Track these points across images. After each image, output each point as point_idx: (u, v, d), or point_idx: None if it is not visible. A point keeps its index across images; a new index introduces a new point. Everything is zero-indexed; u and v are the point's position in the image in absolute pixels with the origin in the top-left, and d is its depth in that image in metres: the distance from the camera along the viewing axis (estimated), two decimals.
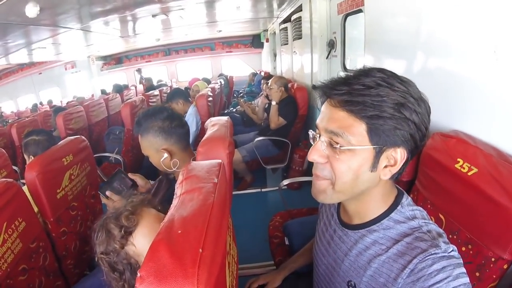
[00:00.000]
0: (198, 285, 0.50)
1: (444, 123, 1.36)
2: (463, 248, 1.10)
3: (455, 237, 1.14)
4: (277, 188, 3.36)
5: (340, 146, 0.73)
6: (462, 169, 1.10)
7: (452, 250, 0.71)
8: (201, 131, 3.30)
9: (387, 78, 0.71)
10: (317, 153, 0.78)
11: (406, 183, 1.48)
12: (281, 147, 3.38)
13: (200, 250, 0.54)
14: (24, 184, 1.66)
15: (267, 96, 3.63)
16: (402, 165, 0.76)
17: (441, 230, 0.77)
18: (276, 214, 2.12)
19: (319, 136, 0.78)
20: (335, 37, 2.93)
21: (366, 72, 0.73)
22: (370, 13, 2.03)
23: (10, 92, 12.87)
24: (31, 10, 2.73)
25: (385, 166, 0.76)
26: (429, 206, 1.29)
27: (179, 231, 0.58)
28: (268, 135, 3.34)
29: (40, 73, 12.00)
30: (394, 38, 1.78)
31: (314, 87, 0.84)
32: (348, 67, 2.85)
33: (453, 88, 1.32)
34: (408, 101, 0.70)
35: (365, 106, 0.70)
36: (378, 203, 0.82)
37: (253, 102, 5.38)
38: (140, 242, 0.89)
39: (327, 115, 0.76)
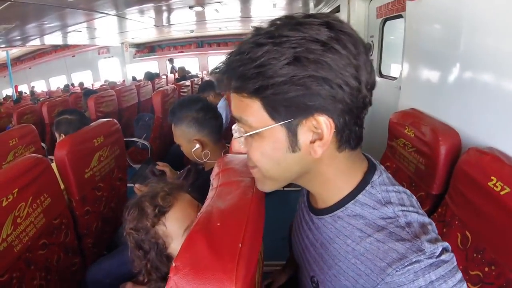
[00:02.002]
0: (236, 281, 0.49)
1: (481, 138, 1.30)
2: (486, 269, 1.06)
3: (479, 256, 1.10)
4: (299, 188, 3.35)
5: (245, 133, 0.61)
6: (495, 188, 1.05)
7: (442, 250, 0.54)
8: (230, 124, 3.30)
9: (275, 30, 0.54)
10: (236, 144, 0.73)
11: (436, 197, 1.43)
12: None
13: (240, 245, 0.53)
14: (51, 160, 1.70)
15: None
16: (338, 134, 0.58)
17: (426, 219, 0.60)
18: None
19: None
20: (372, 41, 2.86)
21: (244, 42, 0.58)
22: (411, 19, 1.96)
23: (43, 72, 13.39)
24: None
25: (312, 142, 0.58)
26: (456, 222, 1.25)
27: (218, 224, 0.57)
28: None
29: (74, 56, 12.42)
30: (435, 46, 1.71)
31: (211, 72, 0.66)
32: (383, 72, 2.78)
33: (493, 103, 1.26)
34: (307, 51, 0.52)
35: (246, 79, 0.55)
36: (339, 182, 0.65)
37: None
38: (172, 224, 0.89)
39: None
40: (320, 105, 0.54)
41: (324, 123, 0.55)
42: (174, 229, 0.89)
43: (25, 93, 13.33)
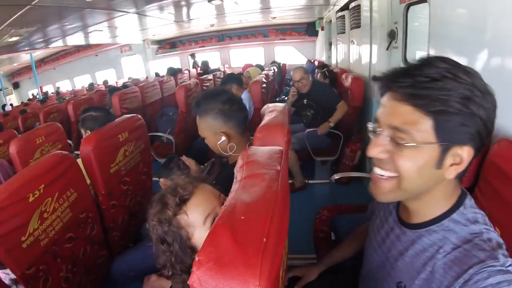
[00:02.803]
0: (260, 276, 0.47)
1: None
2: None
3: (509, 252, 1.04)
4: (324, 180, 3.30)
5: (405, 143, 0.69)
6: None
7: (510, 265, 0.65)
8: (253, 117, 3.29)
9: (452, 69, 0.66)
10: (378, 149, 0.74)
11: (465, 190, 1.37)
12: (332, 139, 3.29)
13: (264, 240, 0.51)
14: (77, 156, 1.73)
15: (297, 92, 3.56)
16: (468, 164, 0.71)
17: (501, 240, 0.72)
18: (323, 208, 2.06)
19: (381, 131, 0.74)
20: (396, 28, 2.75)
21: (428, 62, 0.68)
22: (436, 4, 1.87)
23: (67, 72, 13.81)
24: None
25: (451, 165, 0.70)
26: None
27: (242, 217, 0.56)
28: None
29: (96, 55, 12.70)
30: (461, 32, 1.63)
31: (375, 78, 0.77)
32: (409, 60, 2.68)
33: None
34: (474, 95, 0.65)
35: (431, 101, 0.65)
36: (440, 202, 0.77)
37: None
38: (193, 212, 0.89)
39: (389, 108, 0.72)
40: (473, 138, 0.68)
41: (468, 152, 0.69)
42: (195, 216, 0.88)
43: (52, 93, 13.79)
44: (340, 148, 3.20)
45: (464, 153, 0.69)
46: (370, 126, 0.79)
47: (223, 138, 1.41)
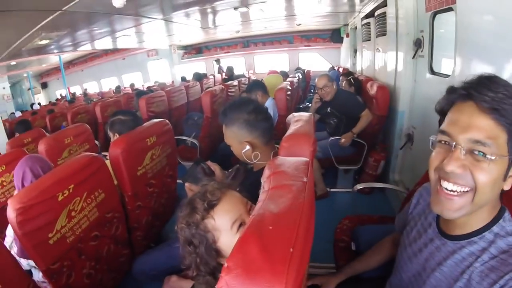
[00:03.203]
0: (286, 285, 0.49)
1: None
2: None
3: None
4: (347, 190, 3.28)
5: (486, 156, 0.71)
6: None
7: None
8: (277, 124, 3.31)
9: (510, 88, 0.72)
10: (457, 163, 0.74)
11: None
12: (356, 148, 3.26)
13: (291, 249, 0.53)
14: (103, 157, 1.79)
15: (320, 99, 3.57)
16: None
17: None
18: (345, 218, 2.06)
19: (455, 144, 0.75)
20: (422, 36, 2.72)
21: (497, 80, 0.73)
22: (463, 11, 1.85)
23: (94, 74, 14.21)
24: (118, 1, 2.87)
25: (510, 176, 0.75)
26: None
27: (270, 227, 0.58)
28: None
29: (124, 59, 13.00)
30: (488, 40, 1.61)
31: (452, 89, 0.80)
32: (435, 69, 2.65)
33: None
34: None
35: (509, 116, 0.70)
36: (485, 214, 0.81)
37: None
38: (220, 217, 0.92)
39: (467, 122, 0.73)
40: None
41: None
42: (222, 222, 0.91)
43: (80, 94, 14.22)
44: (364, 157, 3.17)
45: None
46: (432, 138, 0.82)
47: (248, 147, 1.44)
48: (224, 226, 0.91)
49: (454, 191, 0.76)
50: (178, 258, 1.06)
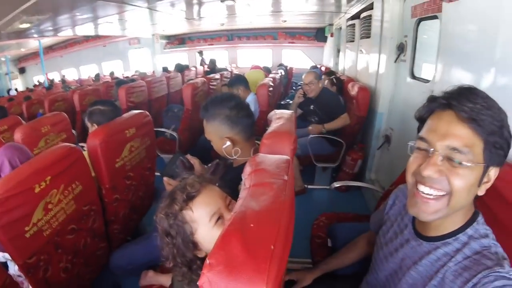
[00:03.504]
0: (267, 281, 0.50)
1: None
2: None
3: None
4: (323, 187, 3.33)
5: (461, 163, 0.75)
6: None
7: None
8: (258, 120, 3.32)
9: (490, 100, 0.76)
10: (434, 168, 0.77)
11: None
12: (335, 146, 3.32)
13: (272, 247, 0.54)
14: (81, 148, 1.75)
15: (304, 94, 3.62)
16: None
17: (505, 255, 0.79)
18: (322, 214, 2.10)
19: (432, 150, 0.78)
20: (405, 41, 2.78)
21: (475, 91, 0.77)
22: (447, 20, 1.89)
23: (74, 60, 13.83)
24: None
25: (484, 183, 0.79)
26: None
27: (252, 225, 0.59)
28: (324, 134, 3.29)
29: (105, 46, 12.71)
30: (471, 49, 1.65)
31: (432, 97, 0.83)
32: (415, 74, 2.71)
33: None
34: (505, 121, 0.76)
35: (485, 126, 0.74)
36: (459, 217, 0.84)
37: None
38: (198, 209, 0.92)
39: (445, 129, 0.77)
40: (502, 160, 0.78)
41: (495, 172, 0.79)
42: (200, 214, 0.92)
43: (58, 81, 13.80)
44: (342, 156, 3.23)
45: (492, 173, 0.79)
46: (412, 143, 0.86)
47: (228, 143, 1.43)
48: (202, 218, 0.92)
49: (430, 195, 0.79)
50: (155, 252, 1.06)
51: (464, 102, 0.75)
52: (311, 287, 1.38)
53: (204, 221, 0.92)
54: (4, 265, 1.64)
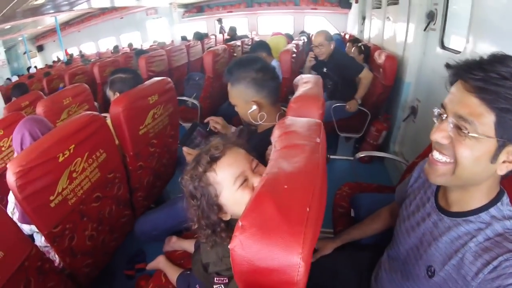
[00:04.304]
0: (303, 245, 0.48)
1: None
2: None
3: None
4: (347, 157, 3.28)
5: (468, 132, 0.72)
6: None
7: None
8: (281, 87, 3.24)
9: None
10: (441, 134, 0.77)
11: None
12: (358, 116, 3.23)
13: (308, 209, 0.52)
14: (104, 118, 1.75)
15: (315, 57, 3.38)
16: None
17: None
18: (345, 184, 2.07)
19: (446, 117, 0.77)
20: (436, 9, 2.63)
21: (500, 60, 0.70)
22: None
23: (92, 35, 13.92)
24: None
25: (503, 162, 0.74)
26: None
27: (285, 186, 0.56)
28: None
29: (122, 18, 12.73)
30: (505, 21, 1.55)
31: (448, 65, 0.80)
32: (446, 44, 2.57)
33: None
34: None
35: (498, 97, 0.68)
36: (482, 195, 0.82)
37: None
38: (222, 171, 0.91)
39: (457, 97, 0.75)
40: None
41: None
42: (225, 176, 0.90)
43: (77, 55, 13.90)
44: (366, 126, 3.16)
45: None
46: (436, 110, 0.82)
47: (254, 107, 1.39)
48: (226, 180, 0.90)
49: (438, 159, 0.80)
50: (178, 218, 1.07)
51: (475, 70, 0.71)
52: (331, 256, 1.38)
53: (228, 183, 0.90)
54: (31, 237, 1.68)
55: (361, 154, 2.20)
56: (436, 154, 0.81)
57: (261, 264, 0.49)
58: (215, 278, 0.98)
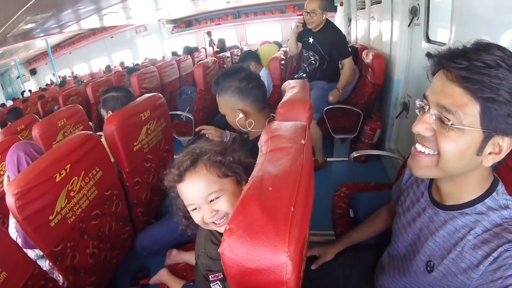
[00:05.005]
0: (289, 243, 0.49)
1: None
2: None
3: None
4: (343, 159, 3.29)
5: (451, 124, 0.70)
6: None
7: None
8: (272, 95, 3.28)
9: (507, 59, 0.66)
10: (423, 126, 0.76)
11: None
12: (352, 116, 3.24)
13: (292, 209, 0.53)
14: (99, 137, 1.77)
15: (303, 24, 3.12)
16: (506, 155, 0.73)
17: None
18: (342, 185, 2.07)
19: (428, 108, 0.75)
20: (418, 4, 2.66)
21: (485, 47, 0.68)
22: None
23: (83, 55, 14.00)
24: None
25: (490, 153, 0.72)
26: None
27: (270, 188, 0.57)
28: (340, 103, 3.20)
29: (112, 37, 12.83)
30: (486, 11, 1.58)
31: (429, 55, 0.78)
32: (431, 38, 2.60)
33: None
34: None
35: (483, 86, 0.66)
36: (474, 187, 0.80)
37: None
38: (181, 192, 0.97)
39: (439, 87, 0.73)
40: None
41: (508, 144, 0.70)
42: (182, 196, 0.97)
43: (69, 77, 13.96)
44: (360, 126, 3.17)
45: (505, 144, 0.71)
46: (417, 102, 0.81)
47: (241, 115, 1.45)
48: (184, 200, 0.97)
49: (421, 152, 0.79)
50: (178, 231, 1.09)
51: (458, 59, 0.68)
52: (335, 260, 1.37)
53: (185, 202, 0.97)
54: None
55: (356, 154, 2.21)
56: (419, 147, 0.79)
57: (250, 265, 0.50)
58: (210, 276, 1.00)
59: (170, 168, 0.97)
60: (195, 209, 0.93)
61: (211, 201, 0.92)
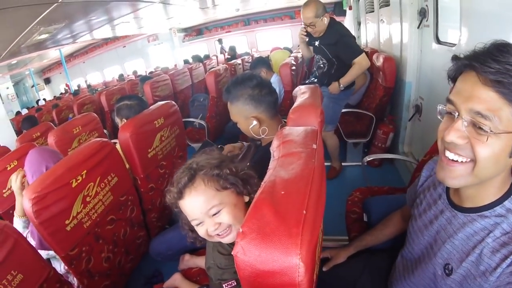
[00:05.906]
0: (301, 246, 0.50)
1: None
2: None
3: None
4: (357, 163, 3.27)
5: (490, 130, 0.67)
6: None
7: None
8: (284, 100, 3.28)
9: None
10: (456, 134, 0.72)
11: None
12: (364, 120, 3.23)
13: (304, 212, 0.54)
14: (114, 144, 1.81)
15: (307, 34, 2.94)
16: None
17: None
18: (356, 190, 2.06)
19: (458, 114, 0.72)
20: (427, 5, 2.64)
21: (502, 48, 0.67)
22: None
23: (97, 64, 14.22)
24: None
25: None
26: None
27: (282, 192, 0.58)
28: (352, 107, 3.16)
29: (124, 46, 13.00)
30: (494, 9, 1.56)
31: (456, 57, 0.75)
32: (441, 38, 2.58)
33: None
34: None
35: None
36: (496, 189, 0.78)
37: None
38: (183, 208, 0.97)
39: (468, 92, 0.70)
40: None
41: None
42: (185, 213, 0.97)
43: (83, 86, 14.22)
44: (372, 130, 3.15)
45: None
46: (440, 107, 0.78)
47: (255, 122, 1.44)
48: (187, 215, 0.97)
49: (455, 160, 0.75)
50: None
51: (489, 62, 0.66)
52: (346, 263, 1.37)
53: (189, 218, 0.97)
54: (48, 261, 1.72)
55: (368, 158, 2.20)
56: (450, 155, 0.76)
57: (263, 267, 0.51)
58: (224, 285, 1.02)
59: (169, 186, 0.98)
60: (198, 223, 0.95)
61: (213, 214, 0.93)
